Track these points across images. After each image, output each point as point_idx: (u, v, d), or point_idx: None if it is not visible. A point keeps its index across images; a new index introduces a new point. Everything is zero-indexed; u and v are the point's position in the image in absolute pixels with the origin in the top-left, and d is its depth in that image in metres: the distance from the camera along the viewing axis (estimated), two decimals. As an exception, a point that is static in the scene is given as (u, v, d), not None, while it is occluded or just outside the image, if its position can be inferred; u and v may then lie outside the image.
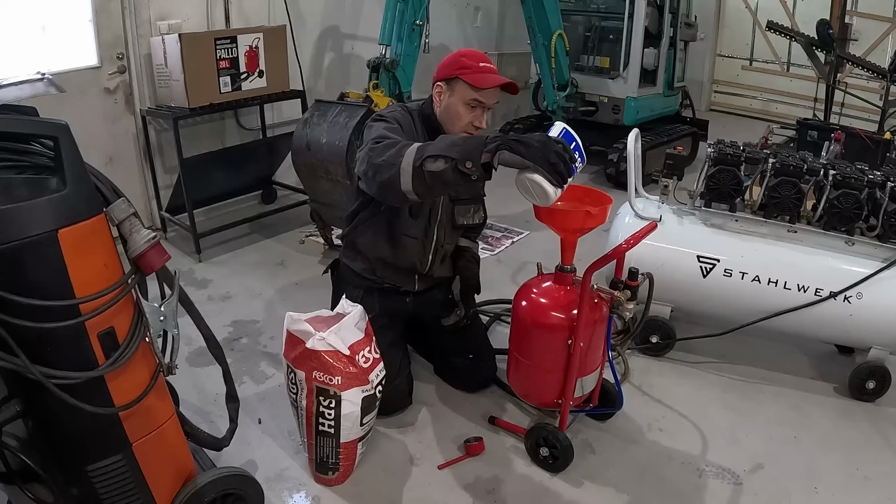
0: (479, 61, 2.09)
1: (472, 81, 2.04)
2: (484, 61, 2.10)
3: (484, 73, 2.07)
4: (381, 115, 2.11)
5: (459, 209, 2.29)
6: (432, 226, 2.22)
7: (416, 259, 2.24)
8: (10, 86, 1.40)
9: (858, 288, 2.31)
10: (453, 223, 2.29)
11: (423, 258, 2.25)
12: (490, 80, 2.06)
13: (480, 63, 2.08)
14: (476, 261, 2.45)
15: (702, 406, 2.38)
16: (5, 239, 1.18)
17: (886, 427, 2.31)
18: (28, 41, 3.01)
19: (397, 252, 2.22)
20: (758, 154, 2.49)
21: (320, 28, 4.38)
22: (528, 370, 2.07)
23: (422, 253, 2.24)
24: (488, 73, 2.07)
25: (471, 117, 2.09)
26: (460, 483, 1.99)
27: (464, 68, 2.07)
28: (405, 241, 2.21)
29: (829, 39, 4.94)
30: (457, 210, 2.28)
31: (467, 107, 2.07)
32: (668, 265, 2.49)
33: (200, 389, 2.37)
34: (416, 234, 2.21)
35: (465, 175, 1.64)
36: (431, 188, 1.72)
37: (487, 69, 2.09)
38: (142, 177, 3.70)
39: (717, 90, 7.82)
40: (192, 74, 3.22)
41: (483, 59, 2.12)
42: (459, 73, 2.06)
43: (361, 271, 2.30)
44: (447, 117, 2.11)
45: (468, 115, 2.08)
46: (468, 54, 2.12)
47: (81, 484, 1.42)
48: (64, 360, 1.28)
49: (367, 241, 2.25)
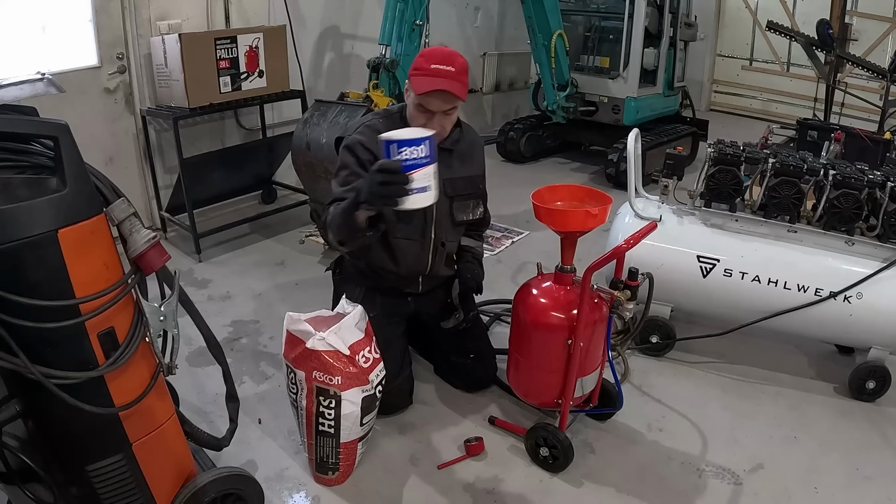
0: (432, 62, 1.97)
1: (413, 86, 1.99)
2: (438, 62, 1.97)
3: (427, 76, 1.95)
4: (350, 146, 2.08)
5: (458, 205, 2.26)
6: (429, 225, 2.19)
7: (416, 262, 2.22)
8: (10, 86, 1.40)
9: (858, 288, 2.31)
10: (452, 220, 2.26)
11: (423, 260, 2.23)
12: (424, 85, 1.96)
13: (432, 65, 1.96)
14: (478, 261, 2.43)
15: (702, 406, 2.38)
16: (5, 239, 1.18)
17: (886, 427, 2.31)
18: (28, 41, 3.00)
19: (397, 258, 2.19)
20: (758, 154, 2.49)
21: (320, 28, 4.38)
22: (528, 370, 2.07)
23: (421, 254, 2.22)
24: (430, 77, 1.95)
25: (422, 120, 2.03)
26: (460, 483, 1.99)
27: (415, 69, 2.00)
28: (402, 245, 2.18)
29: (829, 39, 4.94)
30: (455, 206, 2.25)
31: (417, 110, 2.03)
32: (668, 265, 2.49)
33: (200, 389, 2.37)
34: (413, 236, 2.19)
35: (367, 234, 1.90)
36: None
37: (435, 72, 1.96)
38: (142, 177, 3.70)
39: (717, 90, 7.82)
40: (192, 74, 3.22)
41: (439, 59, 1.98)
42: (411, 73, 2.02)
43: (365, 269, 2.27)
44: (410, 117, 2.08)
45: (420, 119, 2.03)
46: (427, 53, 2.04)
47: (81, 484, 1.42)
48: (64, 360, 1.28)
49: (366, 252, 2.20)
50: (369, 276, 2.28)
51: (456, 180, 2.22)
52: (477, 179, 2.31)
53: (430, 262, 2.25)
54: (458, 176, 2.23)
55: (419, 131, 1.71)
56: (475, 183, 2.30)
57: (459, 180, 2.23)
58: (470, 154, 2.28)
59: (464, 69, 2.02)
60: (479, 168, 2.33)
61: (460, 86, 2.00)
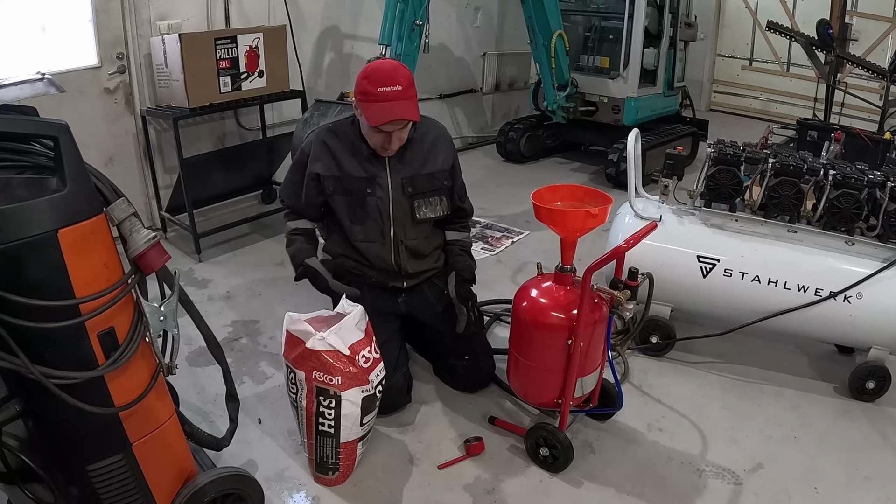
0: (378, 85, 1.99)
1: (366, 115, 2.03)
2: (383, 83, 1.99)
3: (377, 102, 2.00)
4: (296, 162, 2.32)
5: (419, 202, 2.28)
6: (387, 226, 2.25)
7: (382, 262, 2.29)
8: (10, 86, 1.40)
9: (858, 288, 2.31)
10: (413, 218, 2.28)
11: (387, 259, 2.29)
12: (376, 117, 2.01)
13: (380, 88, 1.99)
14: (467, 252, 2.44)
15: (702, 406, 2.38)
16: (5, 239, 1.18)
17: (886, 427, 2.31)
18: (28, 41, 3.01)
19: (367, 258, 2.30)
20: (758, 154, 2.49)
21: (320, 28, 4.38)
22: (528, 370, 2.07)
23: (384, 254, 2.28)
24: (381, 105, 2.00)
25: (379, 140, 2.11)
26: (460, 483, 1.99)
27: (362, 94, 2.04)
28: (363, 247, 2.28)
29: (829, 39, 4.94)
30: (416, 204, 2.27)
31: (371, 130, 2.08)
32: (668, 265, 2.49)
33: (200, 389, 2.37)
34: (372, 238, 2.27)
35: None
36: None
37: (384, 96, 1.99)
38: (142, 177, 3.70)
39: (717, 90, 7.81)
40: (192, 74, 3.22)
41: (386, 81, 2.00)
42: (359, 100, 2.06)
43: (352, 268, 2.34)
44: (366, 135, 2.16)
45: (377, 138, 2.11)
46: (370, 75, 2.02)
47: (81, 484, 1.42)
48: (64, 360, 1.28)
49: (340, 248, 2.33)
50: (355, 273, 2.34)
51: (416, 178, 2.26)
52: (440, 175, 2.32)
53: (395, 260, 2.29)
54: (420, 173, 2.27)
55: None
56: (438, 179, 2.31)
57: (420, 177, 2.27)
58: (433, 150, 2.30)
59: (410, 83, 2.05)
60: (443, 163, 2.33)
61: (412, 104, 2.06)
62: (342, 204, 2.25)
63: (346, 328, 1.86)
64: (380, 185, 2.23)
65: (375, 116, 2.02)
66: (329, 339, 1.80)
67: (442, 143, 2.35)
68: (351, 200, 2.24)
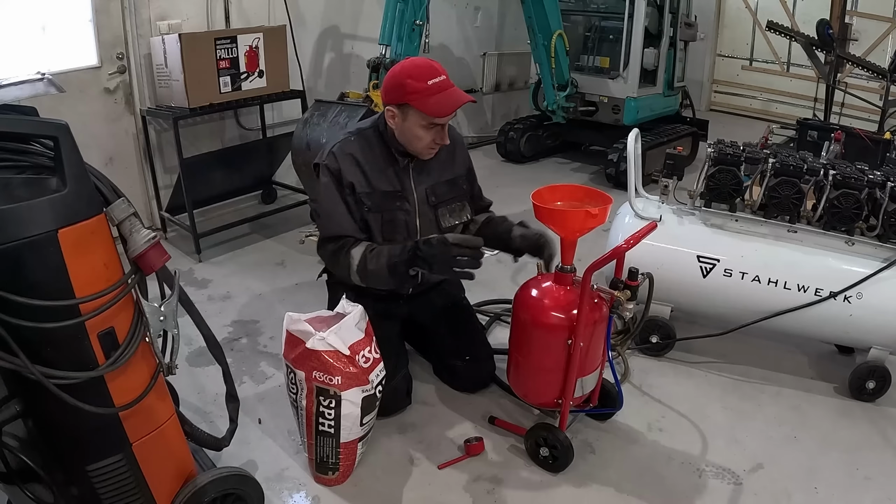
0: (427, 79, 1.93)
1: (423, 110, 1.94)
2: (432, 76, 1.94)
3: (435, 95, 1.93)
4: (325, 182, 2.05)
5: (443, 211, 2.21)
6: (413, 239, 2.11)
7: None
8: (10, 86, 1.40)
9: (858, 288, 2.31)
10: (439, 228, 2.20)
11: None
12: (443, 108, 1.95)
13: (429, 81, 1.93)
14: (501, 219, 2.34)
15: (702, 406, 2.38)
16: (5, 239, 1.18)
17: (886, 427, 2.31)
18: (28, 41, 3.01)
19: None
20: (758, 154, 2.49)
21: (320, 28, 4.38)
22: (528, 370, 2.07)
23: None
24: (440, 95, 1.94)
25: (431, 137, 2.02)
26: (460, 483, 1.99)
27: (412, 93, 1.93)
28: None
29: (829, 39, 4.94)
30: (440, 213, 2.20)
31: (425, 129, 2.00)
32: (668, 265, 2.49)
33: (200, 389, 2.37)
34: None
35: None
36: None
37: (438, 87, 1.94)
38: (142, 177, 3.70)
39: (717, 90, 7.81)
40: (192, 74, 3.22)
41: (431, 73, 1.95)
42: (409, 101, 1.95)
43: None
44: (406, 139, 2.04)
45: (428, 136, 2.02)
46: (413, 73, 1.95)
47: (81, 484, 1.42)
48: (64, 360, 1.28)
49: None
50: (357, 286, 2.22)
51: (437, 186, 2.19)
52: (459, 180, 2.27)
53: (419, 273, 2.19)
54: (441, 181, 2.20)
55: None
56: (458, 184, 2.26)
57: (441, 185, 2.20)
58: (451, 155, 2.24)
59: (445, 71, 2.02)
60: (460, 167, 2.28)
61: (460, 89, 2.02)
62: (377, 221, 2.10)
63: (346, 328, 1.85)
64: (407, 199, 2.13)
65: (441, 107, 1.94)
66: (329, 339, 1.80)
67: (458, 147, 2.28)
68: (384, 217, 2.10)
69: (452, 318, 2.40)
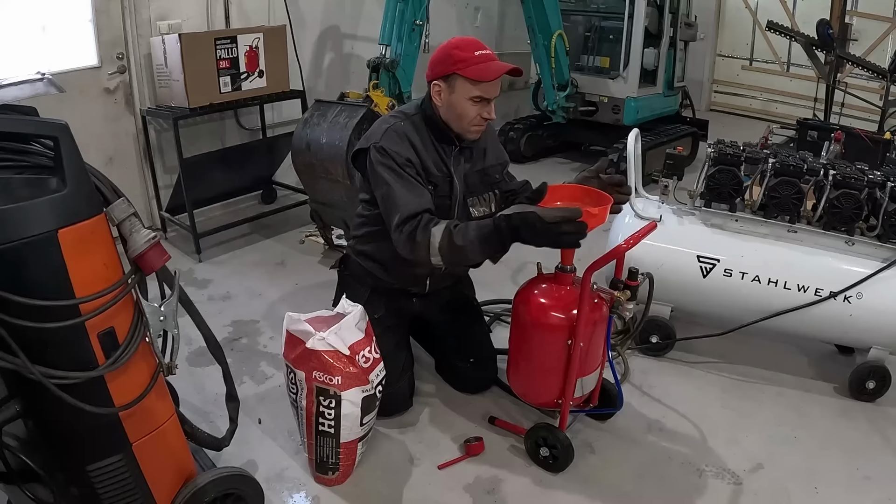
0: (473, 50, 1.95)
1: (472, 76, 1.93)
2: (479, 48, 1.96)
3: (483, 62, 1.94)
4: (388, 164, 1.95)
5: (473, 200, 2.17)
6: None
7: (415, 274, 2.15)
8: (10, 86, 1.41)
9: (858, 288, 2.31)
10: (468, 216, 2.14)
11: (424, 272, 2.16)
12: (492, 71, 1.94)
13: (476, 52, 1.94)
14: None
15: (702, 406, 2.38)
16: (5, 239, 1.18)
17: (886, 427, 2.31)
18: (28, 41, 3.01)
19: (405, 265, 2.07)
20: (758, 154, 2.49)
21: (320, 28, 4.37)
22: (528, 370, 2.07)
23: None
24: (488, 63, 1.95)
25: (477, 111, 1.99)
26: (460, 483, 1.99)
27: (460, 62, 1.94)
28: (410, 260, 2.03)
29: (829, 39, 4.93)
30: (471, 202, 2.16)
31: (472, 102, 1.98)
32: (668, 265, 2.49)
33: (200, 389, 2.37)
34: None
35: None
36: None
37: (485, 57, 1.95)
38: (142, 177, 3.70)
39: (717, 90, 7.81)
40: (192, 74, 3.22)
41: (477, 46, 1.97)
42: (456, 69, 1.95)
43: (372, 269, 2.20)
44: (452, 115, 2.01)
45: (474, 111, 1.99)
46: (461, 45, 1.97)
47: (81, 484, 1.42)
48: (64, 360, 1.28)
49: (379, 248, 2.13)
50: (377, 275, 2.20)
51: (469, 175, 2.15)
52: (492, 170, 2.22)
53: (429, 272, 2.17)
54: (472, 170, 2.16)
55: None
56: (490, 174, 2.21)
57: (472, 174, 2.16)
58: (485, 145, 2.20)
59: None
60: (496, 158, 2.24)
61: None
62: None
63: (346, 328, 1.85)
64: (451, 185, 2.09)
65: (488, 72, 1.93)
66: (329, 339, 1.80)
67: (491, 137, 2.26)
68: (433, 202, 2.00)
69: (461, 318, 2.39)
